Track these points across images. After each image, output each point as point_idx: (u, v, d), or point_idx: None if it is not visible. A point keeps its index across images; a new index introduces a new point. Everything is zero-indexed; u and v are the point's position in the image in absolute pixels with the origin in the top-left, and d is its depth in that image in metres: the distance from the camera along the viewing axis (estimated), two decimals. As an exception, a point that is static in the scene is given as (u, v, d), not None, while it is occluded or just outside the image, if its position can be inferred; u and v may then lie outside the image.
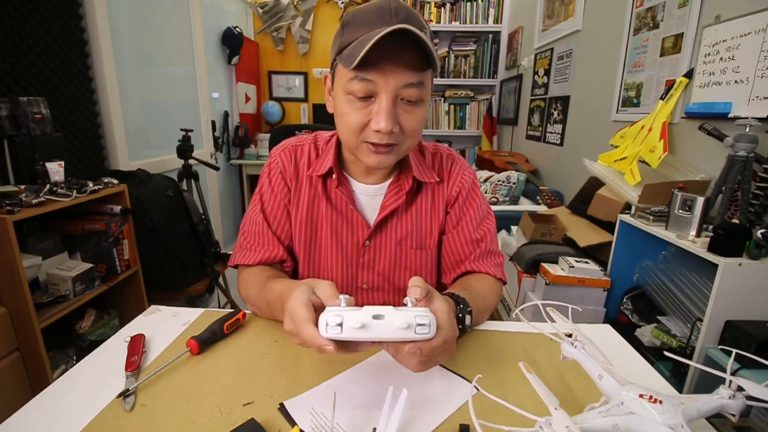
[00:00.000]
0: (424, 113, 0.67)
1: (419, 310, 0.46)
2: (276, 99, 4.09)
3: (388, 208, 0.75)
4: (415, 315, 0.45)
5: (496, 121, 3.76)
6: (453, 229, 0.80)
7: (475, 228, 0.80)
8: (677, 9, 1.58)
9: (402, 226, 0.78)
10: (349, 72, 0.61)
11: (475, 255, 0.79)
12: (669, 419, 0.38)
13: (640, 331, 1.43)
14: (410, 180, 0.75)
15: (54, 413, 0.50)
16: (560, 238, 1.87)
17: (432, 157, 0.82)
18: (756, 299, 1.07)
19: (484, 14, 3.60)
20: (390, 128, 0.62)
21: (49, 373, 1.23)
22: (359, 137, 0.65)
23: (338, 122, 0.68)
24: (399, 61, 0.59)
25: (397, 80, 0.60)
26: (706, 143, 1.41)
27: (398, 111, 0.63)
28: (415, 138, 0.68)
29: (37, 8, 1.53)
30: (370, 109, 0.63)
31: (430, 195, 0.79)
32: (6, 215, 1.08)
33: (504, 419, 0.49)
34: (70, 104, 1.70)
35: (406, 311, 0.46)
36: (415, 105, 0.64)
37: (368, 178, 0.77)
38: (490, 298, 0.73)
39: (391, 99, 0.61)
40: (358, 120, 0.63)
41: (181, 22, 2.64)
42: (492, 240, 0.81)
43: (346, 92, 0.63)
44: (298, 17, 3.84)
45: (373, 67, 0.59)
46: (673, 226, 1.27)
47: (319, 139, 0.81)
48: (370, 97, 0.62)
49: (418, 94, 0.62)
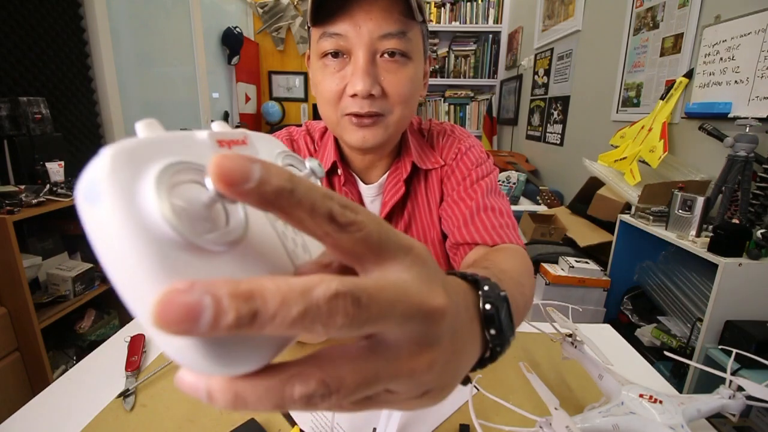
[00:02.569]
0: (412, 74, 0.54)
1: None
2: (276, 99, 4.09)
3: (388, 204, 0.65)
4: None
5: (496, 121, 3.76)
6: (449, 201, 0.65)
7: (480, 196, 0.62)
8: (677, 9, 1.58)
9: (402, 221, 0.68)
10: (316, 31, 0.52)
11: (485, 225, 0.58)
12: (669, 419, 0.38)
13: (640, 331, 1.43)
14: (408, 166, 0.64)
15: (54, 413, 0.50)
16: (560, 238, 1.87)
17: (437, 135, 0.69)
18: (756, 299, 1.07)
19: (484, 14, 3.59)
20: (368, 89, 0.51)
21: (49, 373, 1.23)
22: (337, 109, 0.55)
23: (317, 98, 0.58)
24: (371, 5, 0.49)
25: (370, 29, 0.50)
26: (706, 143, 1.41)
27: (378, 71, 0.52)
28: (407, 107, 0.56)
29: (37, 8, 1.53)
30: (345, 72, 0.52)
31: (432, 180, 0.67)
32: (6, 215, 1.08)
33: (504, 419, 0.49)
34: (70, 104, 1.70)
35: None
36: (399, 63, 0.53)
37: (370, 174, 0.67)
38: (527, 283, 0.40)
39: (368, 54, 0.51)
40: (332, 86, 0.53)
41: (181, 22, 2.64)
42: (508, 215, 0.61)
43: (319, 56, 0.54)
44: (298, 17, 3.84)
45: (339, 17, 0.50)
46: (673, 226, 1.27)
47: (313, 130, 0.71)
48: (344, 56, 0.52)
49: (400, 46, 0.51)
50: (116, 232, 0.13)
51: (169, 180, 0.15)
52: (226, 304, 0.12)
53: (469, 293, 0.23)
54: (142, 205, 0.13)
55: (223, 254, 0.16)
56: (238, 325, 0.12)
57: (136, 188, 0.14)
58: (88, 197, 0.13)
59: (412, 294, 0.16)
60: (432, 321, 0.17)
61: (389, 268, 0.17)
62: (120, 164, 0.14)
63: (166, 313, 0.11)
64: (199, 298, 0.12)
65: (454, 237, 0.60)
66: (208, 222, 0.15)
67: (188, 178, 0.16)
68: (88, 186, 0.13)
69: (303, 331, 0.13)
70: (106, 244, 0.13)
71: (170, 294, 0.12)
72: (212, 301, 0.12)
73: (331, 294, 0.13)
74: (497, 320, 0.22)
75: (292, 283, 0.13)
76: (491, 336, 0.22)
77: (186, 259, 0.14)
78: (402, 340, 0.17)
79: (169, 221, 0.14)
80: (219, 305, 0.12)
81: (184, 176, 0.15)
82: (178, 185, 0.15)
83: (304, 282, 0.13)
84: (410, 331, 0.16)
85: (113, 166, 0.13)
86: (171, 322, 0.11)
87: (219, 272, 0.15)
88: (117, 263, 0.13)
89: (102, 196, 0.13)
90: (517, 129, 3.38)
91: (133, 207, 0.13)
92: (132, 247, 0.13)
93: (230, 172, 0.13)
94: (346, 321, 0.13)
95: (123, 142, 0.14)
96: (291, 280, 0.13)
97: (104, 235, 0.13)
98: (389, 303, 0.15)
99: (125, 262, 0.13)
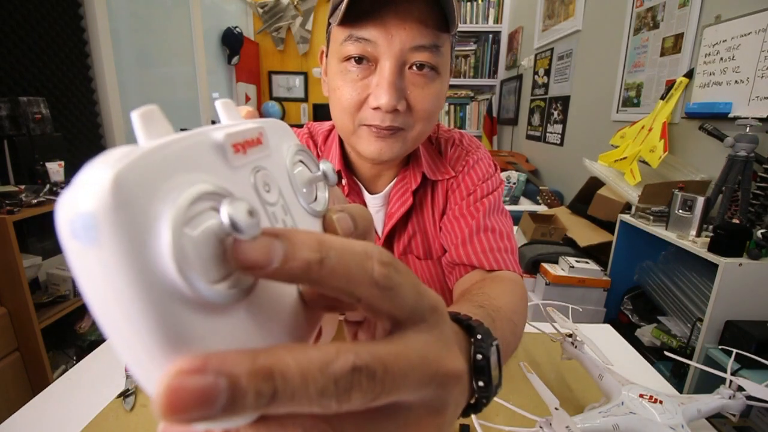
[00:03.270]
0: (439, 89, 0.50)
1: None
2: (276, 99, 4.09)
3: (395, 216, 0.61)
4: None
5: (496, 121, 3.76)
6: (449, 217, 0.62)
7: (482, 215, 0.58)
8: (677, 9, 1.58)
9: (406, 233, 0.64)
10: (341, 32, 0.47)
11: (483, 247, 0.55)
12: (669, 419, 0.38)
13: (640, 331, 1.43)
14: (418, 177, 0.60)
15: (54, 413, 0.50)
16: (560, 238, 1.87)
17: (445, 144, 0.65)
18: (756, 299, 1.07)
19: (484, 14, 3.59)
20: (393, 104, 0.47)
21: (49, 373, 1.23)
22: (355, 119, 0.50)
23: (331, 102, 0.53)
24: (406, 13, 0.45)
25: (402, 39, 0.45)
26: (707, 143, 1.41)
27: (405, 84, 0.48)
28: (429, 123, 0.53)
29: (37, 8, 1.53)
30: (369, 81, 0.48)
31: (438, 192, 0.63)
32: (6, 215, 1.08)
33: (504, 419, 0.49)
34: (70, 104, 1.70)
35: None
36: (428, 77, 0.49)
37: (376, 183, 0.63)
38: (520, 322, 0.40)
39: (396, 65, 0.47)
40: (353, 95, 0.49)
41: (181, 22, 2.64)
42: (508, 237, 0.58)
43: (340, 59, 0.49)
44: (298, 17, 3.84)
45: (371, 21, 0.45)
46: (674, 226, 1.27)
47: (315, 133, 0.66)
48: (369, 63, 0.48)
49: (431, 60, 0.47)
50: (119, 289, 0.10)
51: (186, 216, 0.12)
52: (244, 384, 0.10)
53: (462, 340, 0.23)
54: (152, 256, 0.11)
55: (235, 305, 0.13)
56: (256, 407, 0.11)
57: (148, 231, 0.11)
58: (79, 236, 0.10)
59: (431, 360, 0.15)
60: (447, 385, 0.16)
61: (414, 330, 0.16)
62: (127, 196, 0.11)
63: (177, 402, 0.10)
64: (214, 381, 0.10)
65: (451, 255, 0.58)
66: (220, 265, 0.13)
67: (205, 207, 0.13)
68: (80, 221, 0.10)
69: (314, 408, 0.12)
70: (102, 298, 0.11)
71: (179, 378, 0.10)
72: (228, 384, 0.10)
73: (348, 369, 0.12)
74: (487, 372, 0.22)
75: (312, 358, 0.12)
76: (479, 387, 0.22)
77: (197, 319, 0.12)
78: (415, 405, 0.16)
79: (186, 276, 0.11)
80: (237, 387, 0.10)
81: (201, 206, 0.12)
82: (191, 219, 0.12)
83: (323, 356, 0.12)
84: (425, 396, 0.15)
85: (118, 198, 0.10)
86: (181, 410, 0.10)
87: (232, 329, 0.13)
88: (115, 323, 0.11)
89: (102, 239, 0.10)
90: (517, 129, 3.38)
91: (142, 258, 0.11)
92: (138, 310, 0.10)
93: (251, 259, 0.12)
94: (360, 396, 0.12)
95: (125, 159, 0.11)
96: (310, 354, 0.12)
97: (101, 289, 0.11)
98: (404, 373, 0.14)
99: (126, 325, 0.11)
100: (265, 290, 0.15)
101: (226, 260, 0.13)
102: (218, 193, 0.13)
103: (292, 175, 0.19)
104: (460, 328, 0.24)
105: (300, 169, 0.20)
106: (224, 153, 0.15)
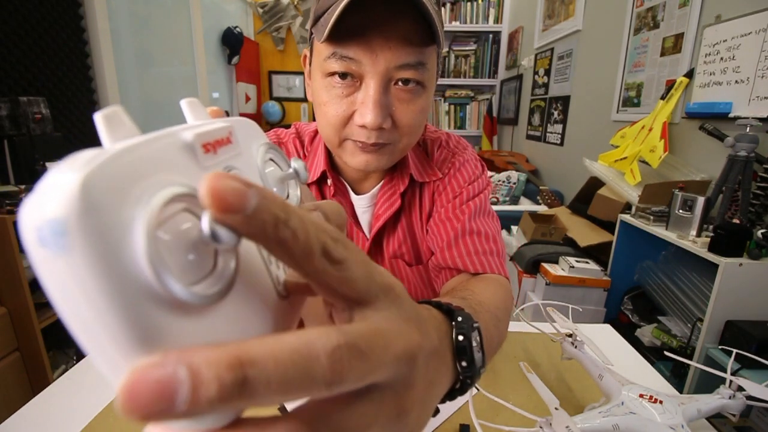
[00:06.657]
0: (425, 104, 0.50)
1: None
2: (276, 99, 4.09)
3: (382, 217, 0.61)
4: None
5: (496, 121, 3.76)
6: (436, 219, 0.61)
7: (467, 218, 0.58)
8: (677, 9, 1.58)
9: (395, 236, 0.63)
10: (325, 48, 0.46)
11: (468, 250, 0.56)
12: (669, 419, 0.38)
13: (641, 331, 1.43)
14: (406, 179, 0.60)
15: (54, 413, 0.50)
16: (560, 238, 1.87)
17: (432, 145, 0.65)
18: (756, 299, 1.07)
19: (485, 14, 3.59)
20: (378, 123, 0.47)
21: (49, 373, 1.23)
22: (341, 133, 0.51)
23: (317, 114, 0.53)
24: (391, 32, 0.44)
25: (388, 59, 0.45)
26: (707, 143, 1.41)
27: (391, 100, 0.48)
28: (415, 136, 0.53)
29: (37, 8, 1.53)
30: (354, 98, 0.48)
31: (426, 194, 0.63)
32: (6, 215, 1.08)
33: (504, 419, 0.49)
34: (70, 104, 1.70)
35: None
36: (413, 93, 0.49)
37: (362, 184, 0.63)
38: (504, 318, 0.40)
39: (381, 84, 0.46)
40: (339, 111, 0.49)
41: (181, 22, 2.64)
42: (494, 240, 0.58)
43: (324, 74, 0.49)
44: (298, 17, 3.83)
45: (355, 40, 0.45)
46: (674, 226, 1.27)
47: (302, 133, 0.66)
48: (354, 79, 0.48)
49: (417, 76, 0.47)
50: (92, 297, 0.10)
51: (158, 220, 0.11)
52: (205, 374, 0.10)
53: (443, 324, 0.23)
54: (126, 261, 0.10)
55: (212, 306, 0.13)
56: (223, 397, 0.10)
57: (120, 236, 0.10)
58: (47, 243, 0.10)
59: (399, 335, 0.16)
60: (412, 359, 0.16)
61: (372, 308, 0.16)
62: (96, 201, 0.10)
63: (135, 396, 0.09)
64: (173, 371, 0.10)
65: (437, 258, 0.58)
66: (196, 267, 0.13)
67: (177, 209, 0.12)
68: (47, 228, 0.10)
69: (303, 394, 0.12)
70: (73, 306, 0.10)
71: (138, 372, 0.09)
72: (188, 374, 0.10)
73: (332, 347, 0.12)
74: (469, 352, 0.22)
75: (285, 340, 0.11)
76: (462, 368, 0.22)
77: (174, 321, 0.11)
78: (392, 383, 0.16)
79: (162, 280, 0.11)
80: (197, 376, 0.10)
81: (174, 208, 0.12)
82: (165, 222, 0.12)
83: (299, 337, 0.12)
84: (398, 373, 0.16)
85: (87, 203, 0.10)
86: (141, 404, 0.09)
87: (209, 329, 0.13)
88: (90, 331, 0.10)
89: (72, 246, 0.10)
90: (517, 129, 3.38)
91: (115, 264, 0.10)
92: (114, 316, 0.10)
93: (226, 200, 0.11)
94: (351, 375, 0.12)
95: (92, 162, 0.10)
96: (282, 337, 0.11)
97: (72, 297, 0.10)
98: (383, 348, 0.14)
99: (102, 332, 0.10)
100: (242, 289, 0.15)
101: (202, 262, 0.13)
102: (190, 194, 0.13)
103: (264, 174, 0.19)
104: (441, 315, 0.24)
105: (271, 168, 0.20)
106: (194, 153, 0.15)
